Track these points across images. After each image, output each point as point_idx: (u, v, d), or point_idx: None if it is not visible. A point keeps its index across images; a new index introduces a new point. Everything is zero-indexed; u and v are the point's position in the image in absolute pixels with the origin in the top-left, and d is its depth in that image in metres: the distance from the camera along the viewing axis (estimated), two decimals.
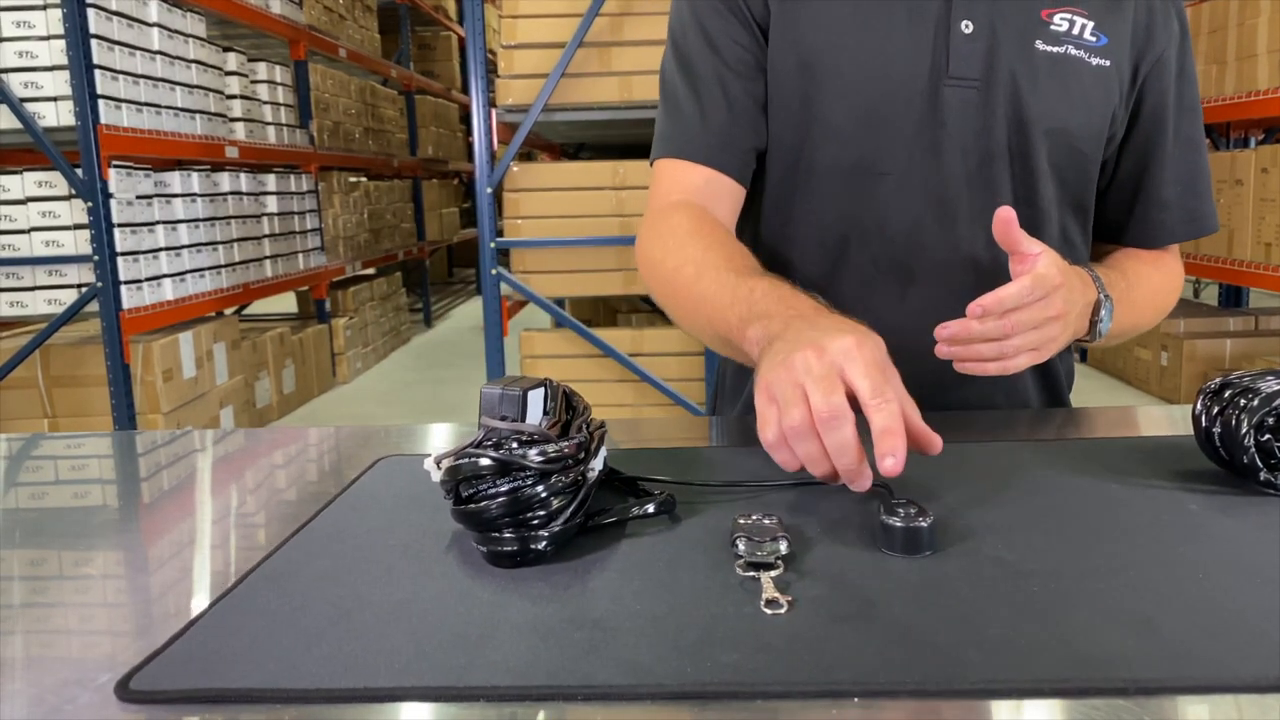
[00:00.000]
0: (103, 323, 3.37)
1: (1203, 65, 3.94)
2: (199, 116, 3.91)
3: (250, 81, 4.54)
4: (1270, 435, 0.67)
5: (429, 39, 8.43)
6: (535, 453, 0.59)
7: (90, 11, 3.20)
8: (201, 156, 3.96)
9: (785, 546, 0.57)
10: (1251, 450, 0.67)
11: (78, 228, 3.43)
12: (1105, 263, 1.02)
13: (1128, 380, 4.87)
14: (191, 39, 3.88)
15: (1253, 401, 0.67)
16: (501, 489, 0.58)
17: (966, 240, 0.96)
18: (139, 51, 3.50)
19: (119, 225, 3.36)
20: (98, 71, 3.24)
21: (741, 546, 0.57)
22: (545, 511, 0.59)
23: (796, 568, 0.57)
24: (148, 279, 3.52)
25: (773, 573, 0.55)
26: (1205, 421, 0.71)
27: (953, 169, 0.95)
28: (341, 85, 5.67)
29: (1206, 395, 0.71)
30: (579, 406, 0.68)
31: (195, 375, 3.82)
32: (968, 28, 0.93)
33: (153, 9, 3.60)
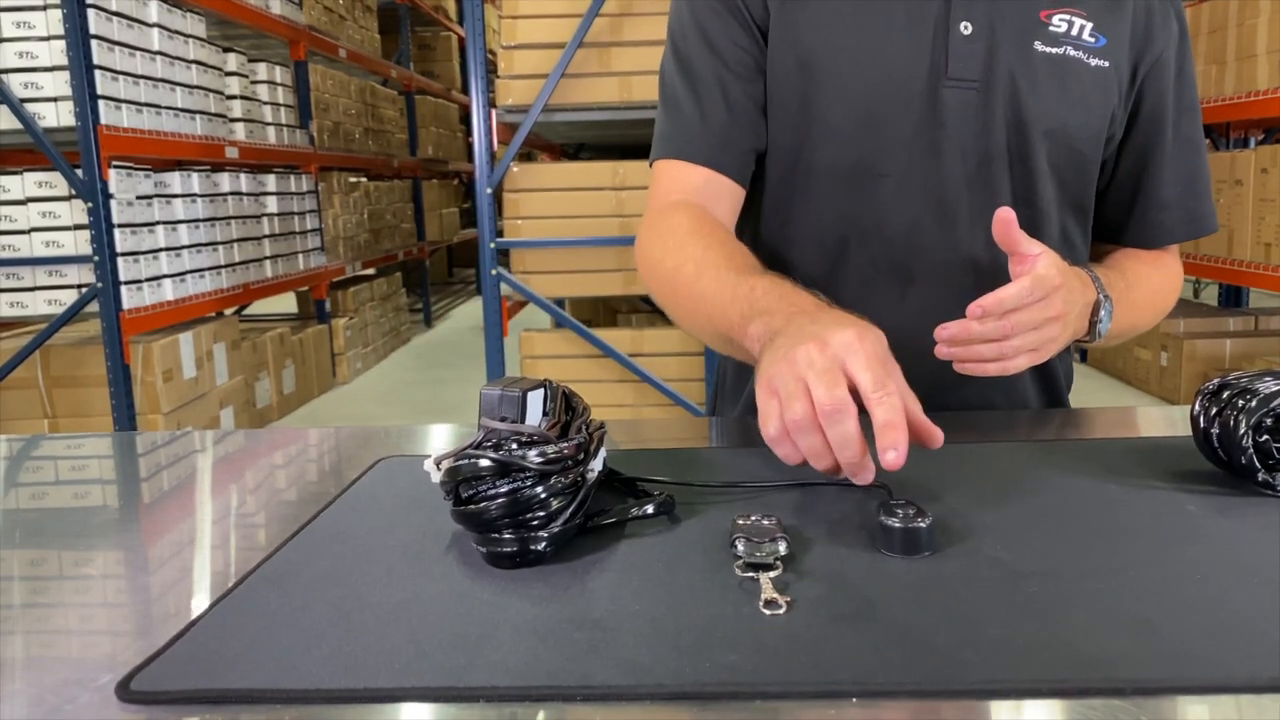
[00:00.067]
0: (103, 323, 3.37)
1: (1202, 65, 3.94)
2: (199, 117, 3.91)
3: (250, 82, 4.54)
4: (1268, 436, 0.68)
5: (429, 39, 8.43)
6: (535, 454, 0.59)
7: (90, 12, 3.20)
8: (201, 157, 3.96)
9: (784, 547, 0.57)
10: (1249, 451, 0.67)
11: (78, 228, 3.44)
12: (1105, 263, 1.02)
13: (1127, 380, 4.87)
14: (191, 39, 3.88)
15: (1251, 402, 0.67)
16: (501, 490, 0.59)
17: (966, 241, 0.96)
18: (139, 52, 3.50)
19: (119, 226, 3.36)
20: (98, 72, 3.24)
21: (740, 547, 0.57)
22: (545, 512, 0.59)
23: (795, 568, 0.57)
24: (148, 279, 3.52)
25: (772, 573, 0.56)
26: (1203, 422, 0.71)
27: (952, 170, 0.95)
28: (341, 85, 5.67)
29: (1205, 396, 0.72)
30: (578, 407, 0.68)
31: (195, 376, 3.83)
32: (967, 29, 0.93)
33: (153, 9, 3.60)
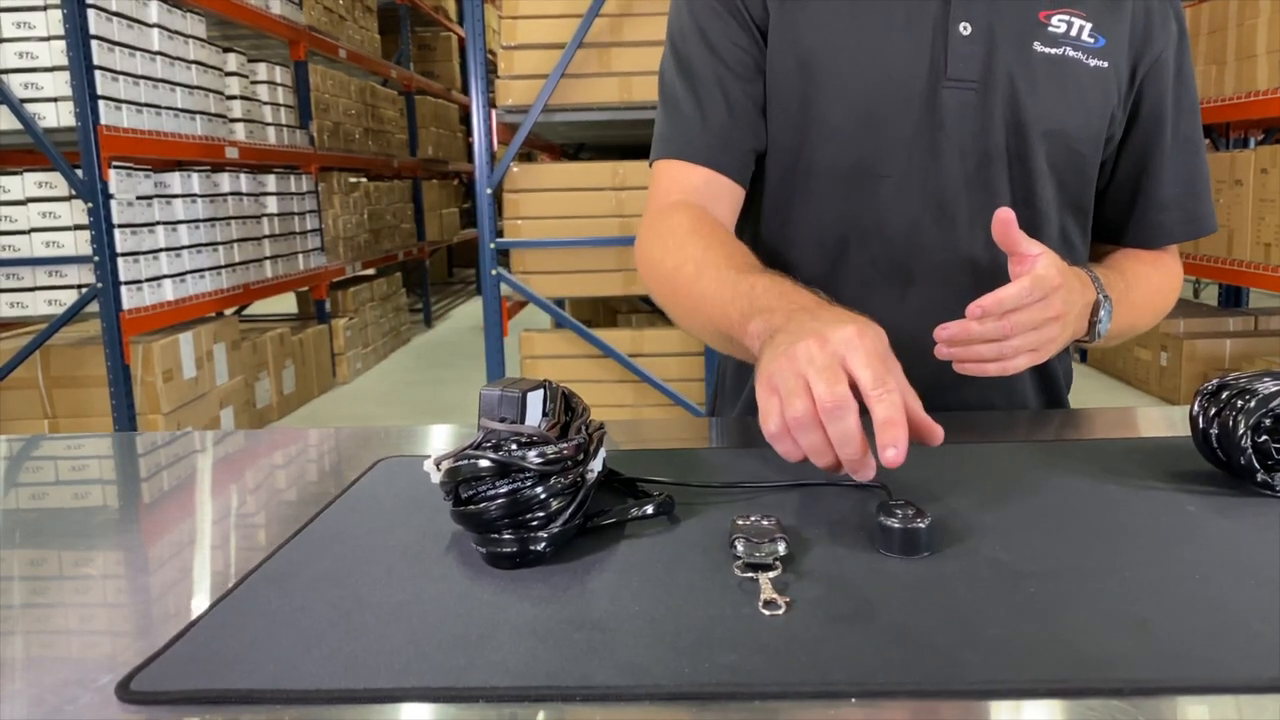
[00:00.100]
0: (103, 323, 3.37)
1: (1202, 65, 3.94)
2: (199, 117, 3.91)
3: (250, 82, 4.54)
4: (1267, 436, 0.68)
5: (429, 39, 8.43)
6: (534, 454, 0.59)
7: (90, 12, 3.20)
8: (201, 157, 3.96)
9: (783, 547, 0.57)
10: (1249, 451, 0.67)
11: (78, 228, 3.44)
12: (1104, 263, 1.02)
13: (1127, 380, 4.87)
14: (191, 40, 3.88)
15: (1250, 403, 0.67)
16: (501, 490, 0.59)
17: (965, 241, 0.96)
18: (139, 52, 3.50)
19: (119, 226, 3.37)
20: (98, 72, 3.24)
21: (740, 547, 0.57)
22: (544, 513, 0.59)
23: (794, 569, 0.57)
24: (148, 279, 3.52)
25: (771, 574, 0.56)
26: (1203, 423, 0.71)
27: (951, 170, 0.95)
28: (341, 86, 5.67)
29: (1204, 397, 0.72)
30: (578, 408, 0.68)
31: (195, 376, 3.83)
32: (966, 29, 0.93)
33: (153, 10, 3.60)
